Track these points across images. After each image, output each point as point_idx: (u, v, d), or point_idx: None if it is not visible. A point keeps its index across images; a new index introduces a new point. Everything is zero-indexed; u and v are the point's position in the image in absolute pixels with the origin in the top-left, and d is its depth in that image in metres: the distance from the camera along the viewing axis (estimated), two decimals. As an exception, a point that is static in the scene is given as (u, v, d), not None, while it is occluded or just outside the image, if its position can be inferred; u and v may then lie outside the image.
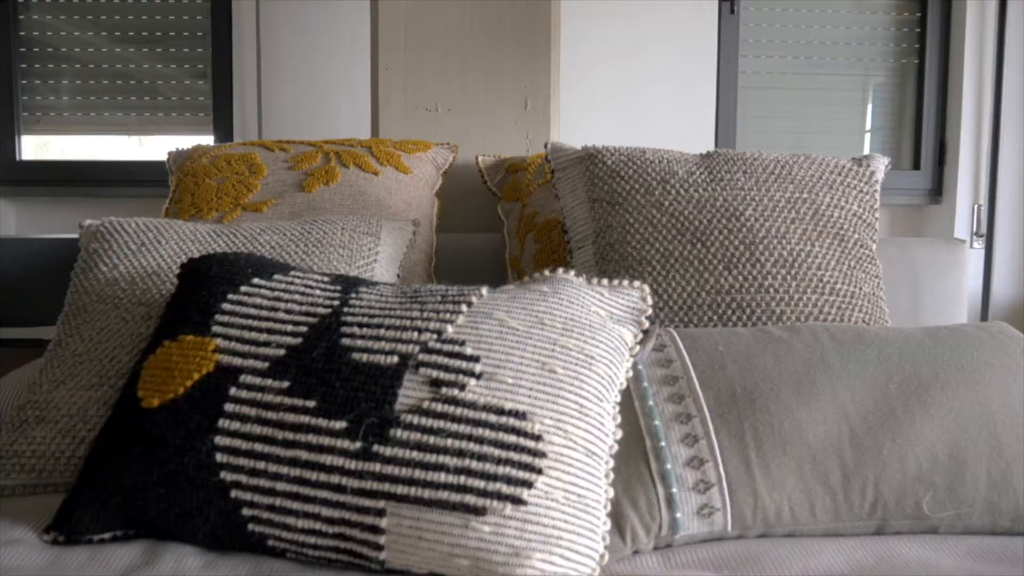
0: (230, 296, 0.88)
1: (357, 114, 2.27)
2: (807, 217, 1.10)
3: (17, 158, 2.38)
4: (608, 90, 2.34)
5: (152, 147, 2.44)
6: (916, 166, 2.57)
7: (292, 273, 0.92)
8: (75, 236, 1.80)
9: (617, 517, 0.79)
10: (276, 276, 0.91)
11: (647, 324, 0.89)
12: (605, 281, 0.90)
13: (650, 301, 0.91)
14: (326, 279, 0.91)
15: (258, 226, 1.19)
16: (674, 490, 0.80)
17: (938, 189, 2.57)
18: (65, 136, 2.44)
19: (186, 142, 2.34)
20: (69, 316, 1.08)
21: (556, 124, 1.74)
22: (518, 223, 1.47)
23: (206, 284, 0.90)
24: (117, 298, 1.06)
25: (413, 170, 1.53)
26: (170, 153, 1.64)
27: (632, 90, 2.35)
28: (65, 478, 0.95)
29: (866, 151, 2.57)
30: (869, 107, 2.57)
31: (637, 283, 0.91)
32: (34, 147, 2.43)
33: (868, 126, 2.59)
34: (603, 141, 2.31)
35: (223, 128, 2.37)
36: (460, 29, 1.71)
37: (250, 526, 0.76)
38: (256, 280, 0.90)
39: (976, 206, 2.52)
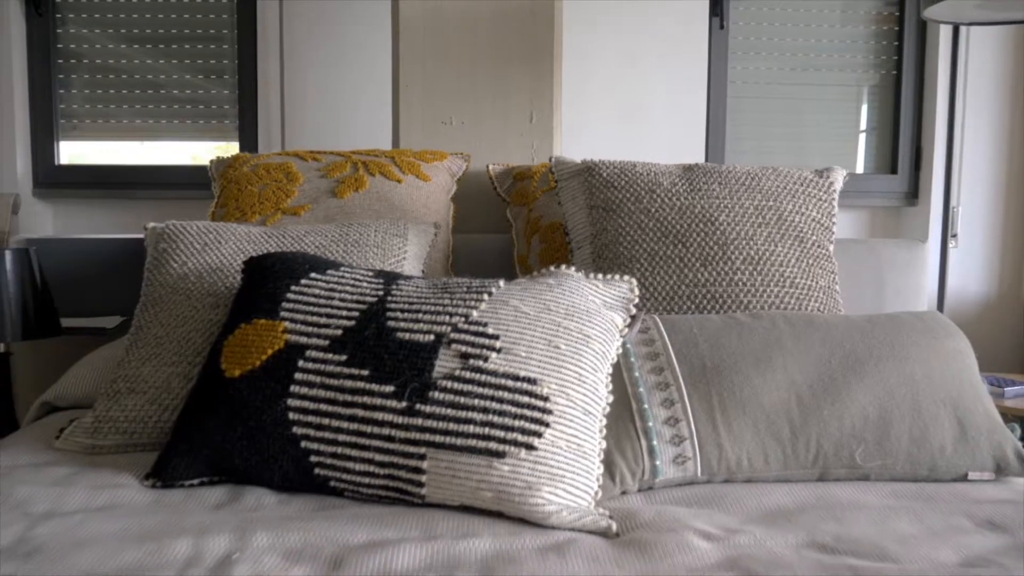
0: (293, 287, 1.07)
1: (373, 123, 2.46)
2: (772, 222, 1.29)
3: (56, 163, 2.56)
4: (607, 100, 2.52)
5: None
6: (894, 170, 2.76)
7: (342, 269, 1.11)
8: (119, 236, 1.99)
9: (609, 464, 0.99)
10: (329, 271, 1.10)
11: (634, 311, 1.09)
12: (600, 276, 1.10)
13: (637, 292, 1.10)
14: (370, 274, 1.11)
15: (303, 229, 1.39)
16: (655, 443, 1.00)
17: (914, 192, 2.75)
18: (99, 142, 2.62)
19: (208, 148, 2.53)
20: (147, 305, 1.27)
21: (558, 136, 1.93)
22: (525, 225, 1.66)
23: (272, 278, 1.10)
24: (188, 290, 1.25)
25: (431, 178, 1.72)
26: (212, 161, 1.83)
27: (629, 101, 2.53)
28: (152, 439, 1.14)
29: (861, 152, 2.76)
30: (864, 108, 2.74)
31: (627, 278, 1.11)
32: (68, 152, 2.61)
33: (863, 127, 2.76)
34: (602, 148, 2.50)
35: (248, 135, 2.55)
36: (473, 50, 1.90)
37: (316, 470, 0.95)
38: (313, 274, 1.09)
39: (950, 208, 2.71)
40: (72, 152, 2.60)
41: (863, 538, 0.86)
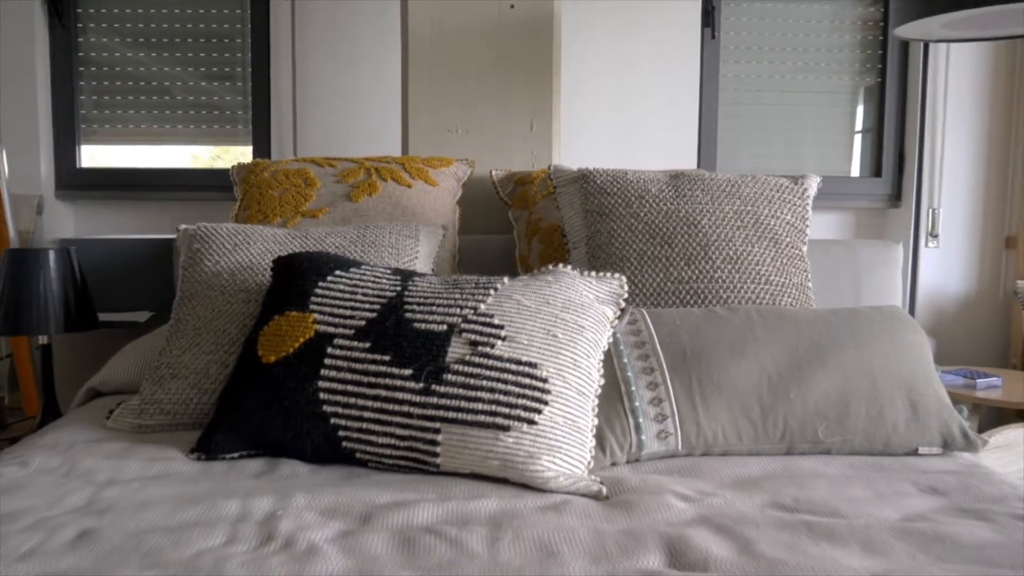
0: (320, 284, 1.21)
1: (382, 128, 2.59)
2: (749, 225, 1.43)
3: (77, 166, 2.69)
4: (604, 107, 2.65)
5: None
6: (878, 173, 2.89)
7: (363, 267, 1.25)
8: (146, 236, 2.12)
9: (600, 439, 1.12)
10: (352, 269, 1.24)
11: (623, 304, 1.22)
12: (594, 273, 1.23)
13: (626, 288, 1.24)
14: (388, 271, 1.24)
15: (323, 230, 1.52)
16: (640, 420, 1.13)
17: (897, 194, 2.88)
18: (118, 146, 2.74)
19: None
20: (184, 300, 1.40)
21: (557, 144, 2.06)
22: (525, 227, 1.80)
23: (301, 275, 1.23)
24: (222, 286, 1.39)
25: (439, 183, 1.85)
26: (233, 167, 1.96)
27: (625, 106, 2.66)
28: (193, 419, 1.28)
29: (856, 151, 2.88)
30: (860, 109, 2.87)
31: (617, 275, 1.24)
32: (88, 156, 2.73)
33: (859, 127, 2.88)
34: (600, 151, 2.64)
35: (261, 140, 2.68)
36: (477, 63, 2.04)
37: (344, 443, 1.09)
38: (338, 272, 1.23)
39: (931, 210, 2.85)
40: (93, 155, 2.72)
41: (819, 500, 1.00)
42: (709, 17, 2.73)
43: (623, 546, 0.85)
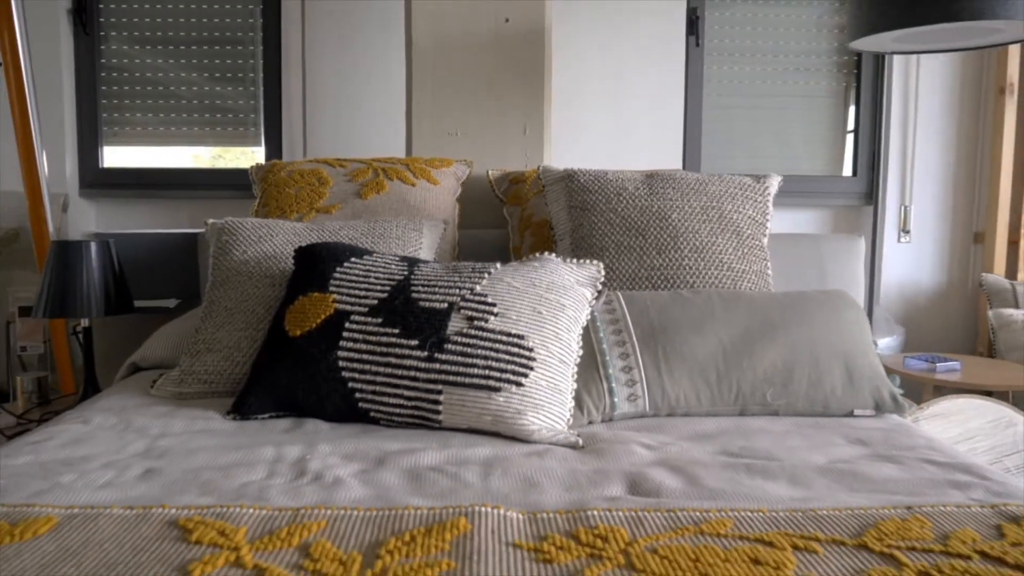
0: (338, 269, 1.39)
1: (386, 129, 2.77)
2: (715, 219, 1.61)
3: (100, 166, 2.87)
4: (597, 110, 2.84)
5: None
6: (854, 173, 3.07)
7: (374, 255, 1.44)
8: (171, 231, 2.30)
9: (579, 401, 1.31)
10: (365, 256, 1.42)
11: (600, 287, 1.41)
12: (575, 260, 1.42)
13: (603, 273, 1.43)
14: (396, 258, 1.43)
15: (337, 224, 1.70)
16: (613, 385, 1.32)
17: (871, 192, 3.05)
18: (135, 147, 2.92)
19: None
20: (216, 285, 1.59)
21: (548, 146, 2.25)
22: (519, 222, 1.98)
23: (320, 261, 1.42)
24: (249, 273, 1.57)
25: (440, 182, 2.04)
26: (252, 167, 2.14)
27: (616, 111, 2.85)
28: (226, 388, 1.46)
29: (848, 150, 3.06)
30: (851, 110, 3.04)
31: (595, 262, 1.43)
32: (109, 156, 2.91)
33: (850, 127, 3.06)
34: (594, 153, 2.82)
35: (273, 143, 2.86)
36: (475, 72, 2.22)
37: (360, 404, 1.28)
38: (352, 259, 1.41)
39: (902, 207, 3.03)
40: (112, 156, 2.90)
41: (761, 449, 1.18)
42: (693, 26, 2.91)
43: (592, 480, 1.04)
